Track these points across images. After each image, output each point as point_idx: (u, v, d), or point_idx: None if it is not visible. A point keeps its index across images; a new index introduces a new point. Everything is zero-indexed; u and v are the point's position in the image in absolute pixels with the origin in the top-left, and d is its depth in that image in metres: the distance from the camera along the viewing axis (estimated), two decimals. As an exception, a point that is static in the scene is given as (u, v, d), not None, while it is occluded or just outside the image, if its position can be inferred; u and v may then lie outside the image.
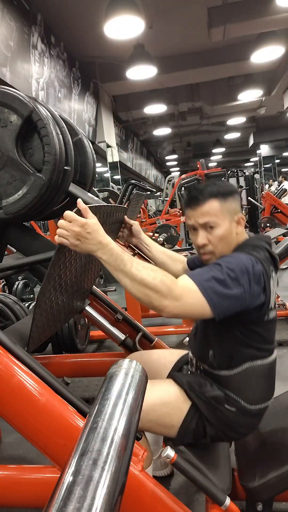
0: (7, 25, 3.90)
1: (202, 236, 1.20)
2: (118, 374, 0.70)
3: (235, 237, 1.21)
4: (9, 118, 1.21)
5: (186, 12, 5.35)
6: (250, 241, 1.21)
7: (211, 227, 1.19)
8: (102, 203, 1.44)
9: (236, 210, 1.21)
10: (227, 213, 1.19)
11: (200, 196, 1.19)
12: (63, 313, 1.41)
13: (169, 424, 1.20)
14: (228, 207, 1.19)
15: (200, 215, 1.19)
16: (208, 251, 1.21)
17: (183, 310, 1.06)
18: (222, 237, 1.18)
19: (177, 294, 1.04)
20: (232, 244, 1.20)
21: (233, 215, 1.20)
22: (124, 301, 3.26)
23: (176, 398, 1.22)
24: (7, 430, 2.11)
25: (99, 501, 0.43)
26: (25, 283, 3.95)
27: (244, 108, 9.68)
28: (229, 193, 1.20)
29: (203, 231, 1.20)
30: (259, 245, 1.17)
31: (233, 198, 1.21)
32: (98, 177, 10.67)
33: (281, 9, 4.76)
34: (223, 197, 1.18)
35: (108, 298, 1.87)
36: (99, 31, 4.83)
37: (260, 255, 1.13)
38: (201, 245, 1.21)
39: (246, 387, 1.18)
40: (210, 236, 1.19)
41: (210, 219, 1.18)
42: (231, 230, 1.19)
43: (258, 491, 1.15)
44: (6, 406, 1.04)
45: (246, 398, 1.18)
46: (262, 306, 1.11)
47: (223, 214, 1.18)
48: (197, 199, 1.20)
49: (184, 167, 18.15)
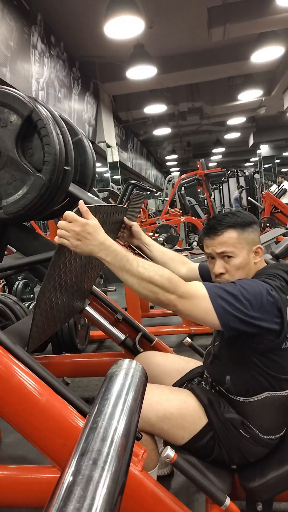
0: (7, 25, 3.90)
1: (219, 265, 1.21)
2: (118, 374, 0.70)
3: (253, 267, 1.21)
4: (9, 118, 1.21)
5: (186, 12, 5.35)
6: (268, 270, 1.21)
7: (228, 257, 1.20)
8: (102, 203, 1.44)
9: (254, 241, 1.21)
10: (245, 244, 1.20)
11: (218, 225, 1.21)
12: (63, 313, 1.41)
13: (180, 436, 1.20)
14: (246, 238, 1.20)
15: (218, 244, 1.20)
16: (224, 280, 1.21)
17: (187, 309, 1.06)
18: (239, 267, 1.19)
19: (183, 291, 1.05)
20: (249, 274, 1.21)
21: (251, 246, 1.21)
22: (124, 301, 3.26)
23: (193, 413, 1.21)
24: (7, 430, 2.11)
25: (99, 501, 0.43)
26: (25, 283, 3.95)
27: (244, 108, 9.68)
28: (248, 224, 1.21)
29: (220, 260, 1.21)
30: (276, 274, 1.17)
31: (252, 229, 1.21)
32: (98, 177, 10.67)
33: (281, 9, 4.76)
34: (241, 227, 1.20)
35: (108, 298, 1.87)
36: (99, 31, 4.83)
37: (276, 283, 1.13)
38: (218, 274, 1.22)
39: (262, 416, 1.17)
40: (227, 266, 1.20)
41: (227, 248, 1.19)
42: (248, 261, 1.20)
43: (258, 491, 1.15)
44: (6, 406, 1.04)
45: (259, 427, 1.17)
46: (279, 335, 1.10)
47: (241, 244, 1.19)
48: (215, 229, 1.21)
49: (184, 167, 18.15)
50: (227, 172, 13.35)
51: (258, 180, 13.40)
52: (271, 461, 1.20)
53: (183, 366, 1.47)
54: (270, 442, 1.19)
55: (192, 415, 1.21)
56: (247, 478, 1.18)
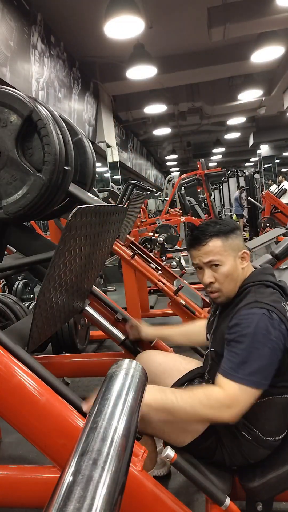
0: (7, 25, 3.90)
1: (208, 275, 1.23)
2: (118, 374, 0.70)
3: (240, 273, 1.23)
4: (9, 118, 1.21)
5: (186, 12, 5.35)
6: (255, 277, 1.23)
7: (216, 265, 1.21)
8: (102, 203, 1.44)
9: (239, 246, 1.23)
10: (231, 250, 1.21)
11: (202, 236, 1.23)
12: (63, 313, 1.41)
13: (181, 438, 1.21)
14: (231, 244, 1.22)
15: (204, 254, 1.22)
16: (215, 289, 1.24)
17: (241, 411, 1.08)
18: (228, 274, 1.21)
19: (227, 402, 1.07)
20: (238, 280, 1.23)
21: (236, 252, 1.22)
22: (124, 301, 3.26)
23: None
24: (7, 430, 2.11)
25: (99, 501, 0.43)
26: (25, 283, 3.95)
27: (244, 108, 9.68)
28: (230, 230, 1.23)
29: (209, 269, 1.23)
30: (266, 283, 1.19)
31: (235, 235, 1.23)
32: (98, 177, 10.66)
33: (281, 9, 4.75)
34: (224, 235, 1.21)
35: (108, 298, 1.87)
36: (99, 31, 4.82)
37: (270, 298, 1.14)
38: (208, 283, 1.24)
39: (264, 418, 1.18)
40: (216, 274, 1.22)
41: (214, 257, 1.21)
42: (236, 267, 1.22)
43: (258, 491, 1.15)
44: (6, 406, 1.04)
45: (261, 429, 1.17)
46: None
47: (227, 251, 1.21)
48: (199, 239, 1.23)
49: (184, 167, 18.14)
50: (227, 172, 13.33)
51: (258, 180, 13.39)
52: (271, 461, 1.20)
53: (184, 366, 1.47)
54: (272, 443, 1.19)
55: None
56: (247, 478, 1.18)
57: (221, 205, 15.04)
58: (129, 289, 3.16)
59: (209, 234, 1.22)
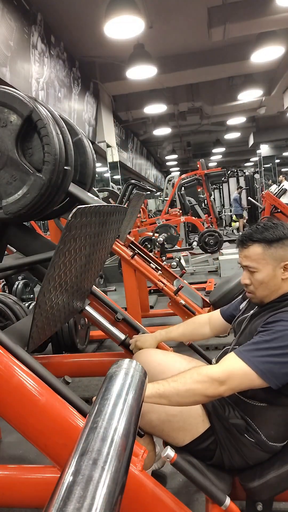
0: (7, 25, 3.90)
1: (245, 276, 1.25)
2: (118, 374, 0.70)
3: (279, 283, 1.21)
4: (9, 118, 1.21)
5: (186, 12, 5.35)
6: None
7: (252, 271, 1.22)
8: (102, 203, 1.44)
9: (283, 257, 1.20)
10: (271, 259, 1.20)
11: (246, 239, 1.23)
12: (63, 313, 1.41)
13: (181, 438, 1.20)
14: (273, 253, 1.20)
15: (244, 257, 1.23)
16: (250, 290, 1.26)
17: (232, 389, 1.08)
18: (262, 282, 1.21)
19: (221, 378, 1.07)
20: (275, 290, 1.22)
21: (279, 262, 1.20)
22: (124, 301, 3.26)
23: (196, 416, 1.21)
24: (7, 430, 2.11)
25: (99, 501, 0.43)
26: (25, 283, 3.95)
27: (244, 108, 9.67)
28: (276, 239, 1.20)
29: (247, 272, 1.24)
30: None
31: (280, 244, 1.20)
32: (98, 177, 10.67)
33: (281, 9, 4.75)
34: (268, 243, 1.20)
35: (108, 298, 1.87)
36: (99, 31, 4.83)
37: None
38: (244, 284, 1.26)
39: (271, 423, 1.18)
40: (252, 278, 1.23)
41: (250, 263, 1.21)
42: (273, 276, 1.20)
43: (258, 491, 1.15)
44: (6, 406, 1.04)
45: (267, 433, 1.17)
46: None
47: (265, 260, 1.19)
48: (242, 242, 1.24)
49: (184, 167, 18.13)
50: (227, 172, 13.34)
51: (258, 180, 13.40)
52: (271, 461, 1.20)
53: (184, 366, 1.47)
54: (274, 448, 1.19)
55: (195, 418, 1.20)
56: (247, 478, 1.18)
57: (221, 205, 15.04)
58: (129, 289, 3.16)
59: (252, 239, 1.21)
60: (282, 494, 1.18)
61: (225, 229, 12.84)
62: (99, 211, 1.16)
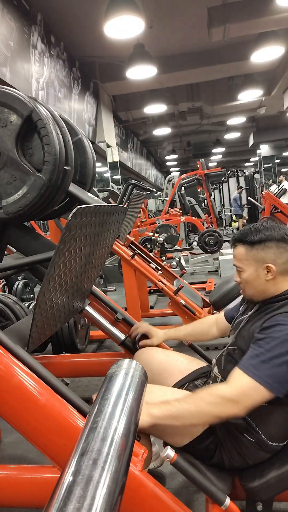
0: (7, 25, 3.90)
1: (236, 274, 1.31)
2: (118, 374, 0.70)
3: (263, 283, 1.23)
4: (9, 118, 1.21)
5: (186, 12, 5.35)
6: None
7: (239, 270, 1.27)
8: (102, 203, 1.44)
9: (264, 259, 1.21)
10: (252, 260, 1.22)
11: (233, 240, 1.29)
12: (63, 313, 1.41)
13: (180, 438, 1.20)
14: (254, 255, 1.22)
15: (233, 257, 1.29)
16: (241, 288, 1.31)
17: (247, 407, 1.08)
18: (247, 282, 1.25)
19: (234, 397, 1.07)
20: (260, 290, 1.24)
21: (261, 263, 1.21)
22: (124, 301, 3.26)
23: None
24: (7, 430, 2.11)
25: (99, 501, 0.43)
26: (25, 283, 3.95)
27: (244, 108, 9.68)
28: (257, 241, 1.21)
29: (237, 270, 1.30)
30: None
31: (263, 246, 1.21)
32: (98, 177, 10.66)
33: (281, 9, 4.75)
34: (250, 244, 1.22)
35: (108, 298, 1.87)
36: (99, 31, 4.82)
37: None
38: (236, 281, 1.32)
39: (273, 423, 1.17)
40: (240, 277, 1.28)
41: (237, 263, 1.27)
42: (257, 277, 1.23)
43: (258, 491, 1.15)
44: (6, 406, 1.04)
45: (267, 433, 1.17)
46: None
47: (248, 260, 1.23)
48: (232, 242, 1.31)
49: (184, 167, 18.13)
50: (227, 172, 13.35)
51: (258, 180, 13.40)
52: (271, 461, 1.20)
53: (185, 366, 1.47)
54: (274, 448, 1.19)
55: None
56: (247, 478, 1.18)
57: (221, 205, 15.05)
58: (129, 289, 3.16)
59: (238, 240, 1.26)
60: (282, 494, 1.18)
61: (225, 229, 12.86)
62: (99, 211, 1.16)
